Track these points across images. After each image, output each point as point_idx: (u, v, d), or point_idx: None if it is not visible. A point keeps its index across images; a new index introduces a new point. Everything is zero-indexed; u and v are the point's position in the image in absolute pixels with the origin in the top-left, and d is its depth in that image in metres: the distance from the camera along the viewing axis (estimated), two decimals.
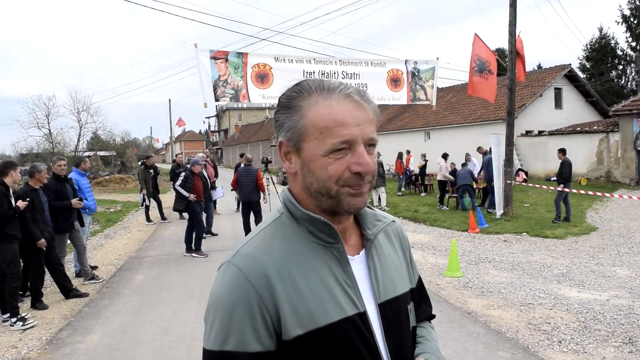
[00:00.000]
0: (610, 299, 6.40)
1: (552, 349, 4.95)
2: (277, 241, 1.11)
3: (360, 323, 1.10)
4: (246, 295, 1.04)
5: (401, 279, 1.27)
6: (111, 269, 9.05)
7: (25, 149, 37.05)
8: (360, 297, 1.12)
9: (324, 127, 1.05)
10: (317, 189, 1.09)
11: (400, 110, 33.74)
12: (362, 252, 1.20)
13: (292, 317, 1.04)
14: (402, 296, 1.24)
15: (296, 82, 1.16)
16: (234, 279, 1.06)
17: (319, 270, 1.09)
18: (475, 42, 12.76)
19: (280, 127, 1.13)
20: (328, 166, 1.06)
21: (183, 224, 14.05)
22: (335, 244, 1.12)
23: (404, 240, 1.37)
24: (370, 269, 1.18)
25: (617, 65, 39.27)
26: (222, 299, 1.06)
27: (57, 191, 7.31)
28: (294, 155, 1.12)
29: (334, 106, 1.07)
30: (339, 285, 1.10)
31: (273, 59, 10.20)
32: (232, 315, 1.04)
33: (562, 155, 12.37)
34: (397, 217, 14.31)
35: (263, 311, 1.03)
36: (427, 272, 8.05)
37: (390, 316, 1.18)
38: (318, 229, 1.12)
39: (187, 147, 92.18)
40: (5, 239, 6.05)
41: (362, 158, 1.07)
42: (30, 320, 6.11)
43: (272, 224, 1.17)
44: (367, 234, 1.21)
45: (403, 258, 1.33)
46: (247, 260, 1.08)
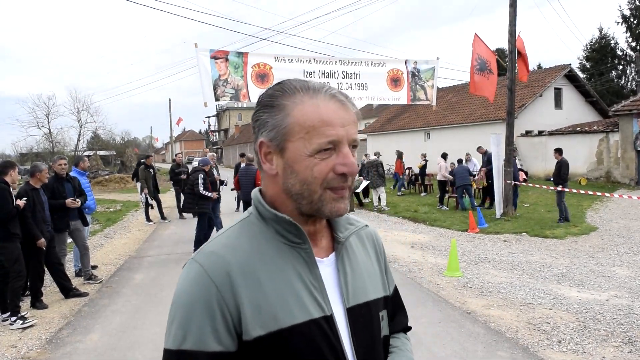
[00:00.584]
0: (609, 299, 6.40)
1: (551, 348, 4.95)
2: (243, 240, 1.09)
3: (326, 326, 1.06)
4: (207, 293, 1.01)
5: (373, 284, 1.23)
6: (111, 268, 9.05)
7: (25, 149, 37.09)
8: (327, 300, 1.09)
9: (311, 126, 1.03)
10: (299, 191, 1.06)
11: (400, 110, 33.74)
12: (332, 254, 1.17)
13: (254, 317, 1.01)
14: (374, 302, 1.19)
15: (278, 81, 1.14)
16: (195, 277, 1.04)
17: (285, 271, 1.07)
18: (476, 42, 12.77)
19: (261, 127, 1.10)
20: (314, 167, 1.04)
21: (183, 224, 14.08)
22: (302, 244, 1.09)
23: (379, 247, 1.33)
24: (340, 272, 1.14)
25: (617, 66, 39.30)
26: (183, 296, 1.04)
27: (54, 190, 7.31)
28: (276, 156, 1.08)
29: (321, 105, 1.05)
30: (305, 287, 1.07)
31: (273, 59, 10.21)
32: (192, 314, 1.01)
33: (559, 155, 12.37)
34: (398, 217, 14.42)
35: (224, 310, 1.01)
36: (427, 272, 8.06)
37: (360, 321, 1.14)
38: (285, 229, 1.09)
39: (187, 147, 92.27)
40: (9, 237, 6.05)
41: (348, 158, 1.05)
42: (29, 320, 6.11)
43: (239, 223, 1.15)
44: (338, 236, 1.18)
45: (377, 264, 1.29)
46: (210, 258, 1.06)
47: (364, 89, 10.93)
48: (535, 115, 24.65)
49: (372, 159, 16.92)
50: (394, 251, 9.70)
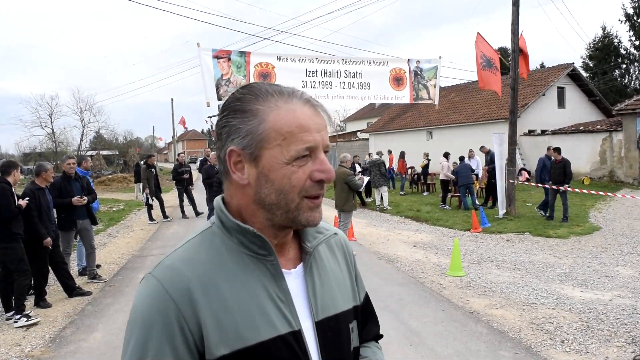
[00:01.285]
0: (613, 299, 6.39)
1: (554, 348, 4.94)
2: (203, 252, 1.02)
3: (293, 342, 1.01)
4: (165, 310, 0.95)
5: (343, 295, 1.18)
6: (114, 267, 9.07)
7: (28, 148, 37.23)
8: (295, 315, 1.04)
9: (288, 132, 0.98)
10: (274, 202, 1.01)
11: (403, 110, 33.71)
12: (300, 265, 1.11)
13: (217, 335, 0.95)
14: (343, 314, 1.15)
15: (243, 84, 1.08)
16: (152, 293, 0.98)
17: (250, 285, 1.01)
18: (479, 41, 12.77)
19: (231, 134, 1.02)
20: (291, 175, 0.99)
21: (186, 223, 14.11)
22: (268, 256, 1.03)
23: (348, 255, 1.27)
24: (308, 284, 1.09)
25: (621, 64, 39.19)
26: (140, 314, 0.98)
27: (61, 189, 7.36)
28: (248, 165, 1.01)
29: (297, 110, 1.00)
30: (271, 301, 1.01)
31: (276, 58, 10.21)
32: (150, 332, 0.95)
33: (558, 155, 12.32)
34: (400, 217, 14.42)
35: (184, 328, 0.95)
36: (430, 272, 8.06)
37: (329, 335, 1.09)
38: (249, 240, 1.03)
39: (190, 147, 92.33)
40: (11, 238, 6.07)
41: (325, 165, 1.01)
42: (33, 317, 6.13)
43: (201, 234, 1.08)
44: (306, 246, 1.12)
45: (347, 273, 1.24)
46: (168, 272, 0.99)
47: (366, 88, 10.92)
48: (538, 115, 24.61)
49: (374, 159, 16.93)
50: (396, 251, 9.70)
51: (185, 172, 15.24)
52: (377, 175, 16.00)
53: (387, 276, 7.84)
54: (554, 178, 12.33)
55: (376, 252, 9.61)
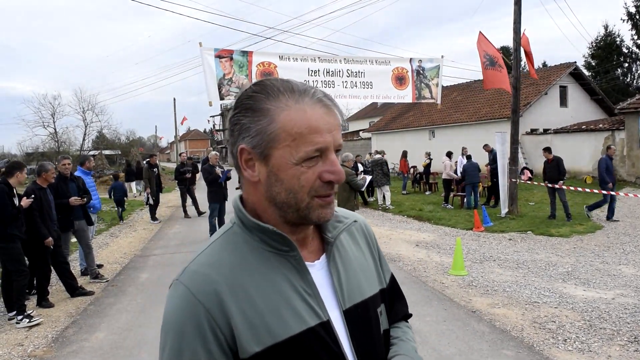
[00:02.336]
0: (615, 298, 6.38)
1: (557, 347, 4.94)
2: (227, 254, 1.04)
3: (323, 333, 1.03)
4: (195, 315, 0.97)
5: (369, 280, 1.19)
6: (116, 267, 9.08)
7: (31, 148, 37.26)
8: (322, 306, 1.05)
9: (298, 133, 0.98)
10: (284, 200, 1.01)
11: (405, 109, 33.68)
12: (322, 257, 1.13)
13: (248, 334, 0.97)
14: (371, 299, 1.16)
15: (257, 81, 1.07)
16: (182, 299, 1.00)
17: (276, 281, 1.02)
18: (481, 40, 12.75)
19: (242, 132, 1.02)
20: (300, 175, 0.99)
21: (187, 223, 14.13)
22: (290, 251, 1.05)
23: (370, 238, 1.29)
24: (333, 274, 1.11)
25: (623, 63, 39.07)
26: (172, 320, 1.00)
27: (58, 189, 7.35)
28: (259, 163, 1.02)
29: (307, 111, 1.00)
30: (298, 295, 1.03)
31: (278, 58, 10.22)
32: (183, 338, 0.97)
33: (549, 154, 12.43)
34: (402, 216, 14.41)
35: (215, 330, 0.97)
36: (432, 271, 8.05)
37: (358, 322, 1.11)
38: (270, 237, 1.04)
39: (192, 146, 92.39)
40: (8, 238, 6.07)
41: (335, 166, 1.02)
42: (35, 318, 6.14)
43: (222, 235, 1.09)
44: (327, 237, 1.13)
45: (371, 257, 1.26)
46: (194, 278, 1.01)
47: (368, 87, 10.91)
48: (541, 114, 24.58)
49: (376, 158, 16.91)
50: (398, 250, 9.69)
51: (187, 171, 15.25)
52: (379, 175, 15.99)
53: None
54: (549, 177, 12.37)
55: None
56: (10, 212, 6.00)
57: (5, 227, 6.01)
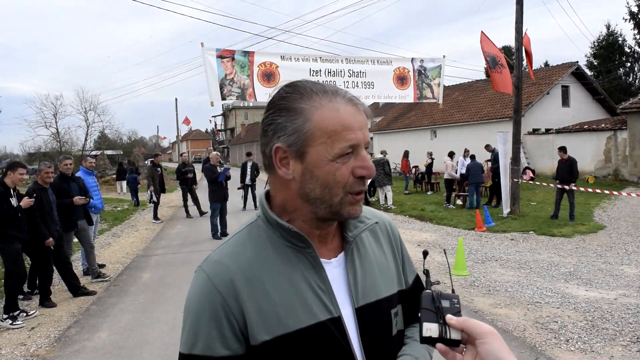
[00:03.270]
0: (618, 298, 6.37)
1: (559, 347, 4.93)
2: (249, 246, 1.11)
3: (333, 328, 1.08)
4: (212, 301, 1.05)
5: (386, 281, 1.23)
6: (118, 267, 9.09)
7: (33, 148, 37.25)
8: (335, 302, 1.10)
9: (333, 131, 1.03)
10: (319, 196, 1.06)
11: (407, 109, 33.66)
12: (341, 254, 1.17)
13: (259, 323, 1.04)
14: (386, 299, 1.19)
15: (288, 83, 1.12)
16: (202, 285, 1.08)
17: (291, 275, 1.08)
18: (483, 40, 12.75)
19: (278, 131, 1.07)
20: (336, 172, 1.04)
21: (189, 223, 14.14)
22: (306, 248, 1.10)
23: (394, 240, 1.33)
24: (349, 272, 1.15)
25: (625, 63, 38.99)
26: (192, 304, 1.09)
27: (60, 189, 7.35)
28: (294, 161, 1.06)
29: (340, 109, 1.05)
30: (311, 290, 1.08)
31: (279, 58, 10.21)
32: (200, 321, 1.05)
33: (564, 154, 12.33)
34: (404, 216, 14.39)
35: (229, 317, 1.04)
36: (434, 271, 8.04)
37: (369, 320, 1.14)
38: (288, 234, 1.10)
39: (194, 146, 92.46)
40: (5, 239, 6.05)
41: (367, 162, 1.06)
42: (19, 322, 6.11)
43: (247, 227, 1.17)
44: (347, 236, 1.18)
45: (392, 258, 1.29)
46: (214, 267, 1.09)
47: (370, 87, 10.90)
48: (542, 113, 24.54)
49: (378, 158, 16.90)
50: None
51: (189, 171, 15.26)
52: (381, 175, 15.98)
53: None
54: (560, 177, 12.32)
55: None
56: (6, 213, 5.97)
57: (2, 228, 6.00)
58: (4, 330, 5.94)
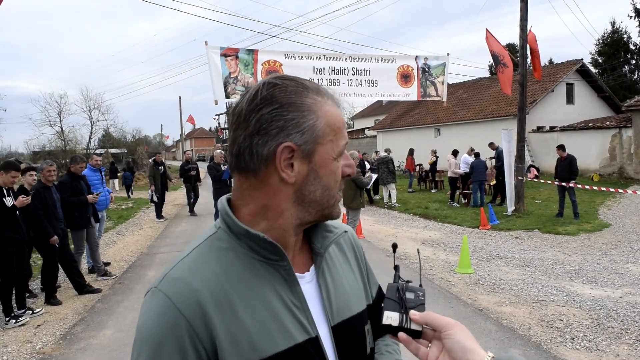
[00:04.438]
0: (623, 296, 6.35)
1: (564, 346, 4.92)
2: (212, 261, 0.97)
3: (311, 350, 0.97)
4: (176, 327, 0.89)
5: (356, 296, 1.13)
6: (123, 265, 9.12)
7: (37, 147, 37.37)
8: (311, 320, 0.99)
9: (338, 128, 0.99)
10: (317, 198, 0.99)
11: (411, 107, 33.60)
12: (311, 268, 1.07)
13: (232, 350, 0.90)
14: (358, 316, 1.10)
15: (277, 76, 1.02)
16: (161, 309, 0.91)
17: (263, 293, 0.96)
18: (488, 37, 12.73)
19: (287, 128, 0.95)
20: (337, 170, 1.00)
21: (194, 221, 14.16)
22: (280, 261, 0.98)
23: (358, 252, 1.24)
24: (322, 288, 1.05)
25: (630, 60, 38.82)
26: (149, 332, 0.91)
27: (73, 188, 7.40)
28: (299, 162, 0.96)
29: (337, 107, 1.02)
30: (286, 308, 0.97)
31: (283, 56, 10.22)
32: (161, 352, 0.89)
33: (563, 152, 12.33)
34: (408, 214, 14.40)
35: (196, 344, 0.89)
36: (438, 269, 8.04)
37: (345, 340, 1.05)
38: (259, 245, 0.97)
39: (198, 145, 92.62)
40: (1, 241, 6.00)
41: (350, 160, 1.04)
42: (22, 319, 6.14)
43: (207, 240, 1.02)
44: (316, 247, 1.08)
45: (358, 272, 1.20)
46: (175, 286, 0.93)
47: (374, 85, 10.90)
48: (547, 111, 24.47)
49: (382, 156, 16.90)
50: (404, 248, 9.68)
51: (192, 169, 15.30)
52: (385, 173, 15.97)
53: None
54: (560, 175, 12.30)
55: (384, 249, 9.59)
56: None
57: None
58: (10, 328, 5.97)
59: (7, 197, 6.02)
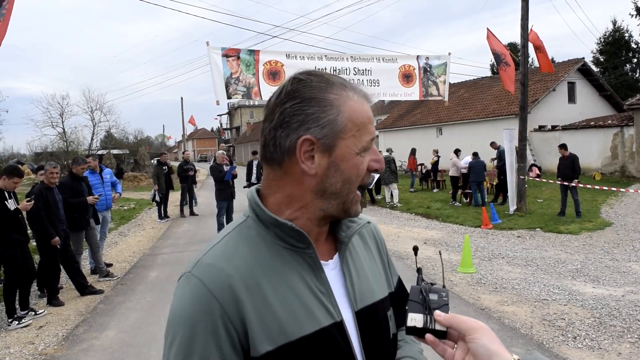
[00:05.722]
0: (625, 295, 6.35)
1: (567, 345, 4.92)
2: (243, 248, 1.02)
3: (336, 334, 1.02)
4: (209, 309, 0.94)
5: (378, 283, 1.19)
6: (125, 266, 9.13)
7: (39, 148, 37.33)
8: (336, 306, 1.04)
9: (362, 123, 1.02)
10: (337, 190, 1.02)
11: (412, 106, 33.57)
12: (335, 256, 1.12)
13: (261, 332, 0.95)
14: (381, 302, 1.16)
15: (304, 71, 1.07)
16: (194, 292, 0.96)
17: (290, 279, 1.01)
18: (489, 37, 12.73)
19: (307, 122, 0.99)
20: (360, 165, 1.03)
21: (196, 222, 14.17)
22: (306, 249, 1.03)
23: (380, 242, 1.30)
24: (345, 275, 1.10)
25: (632, 59, 38.72)
26: (183, 314, 0.97)
27: (74, 189, 7.41)
28: (320, 154, 1.00)
29: (364, 103, 1.05)
30: (312, 293, 1.02)
31: (284, 56, 10.22)
32: (194, 333, 0.94)
33: (566, 151, 12.31)
34: (410, 214, 14.38)
35: (228, 327, 0.95)
36: (440, 268, 8.03)
37: (369, 324, 1.10)
38: (286, 233, 1.02)
39: (199, 145, 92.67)
40: (7, 243, 6.02)
41: (379, 155, 1.07)
42: (25, 320, 6.15)
43: (236, 228, 1.07)
44: (341, 237, 1.13)
45: (380, 261, 1.26)
46: (209, 271, 0.98)
47: (375, 85, 10.89)
48: (549, 110, 24.42)
49: (384, 155, 16.90)
50: (406, 248, 9.68)
51: (190, 169, 15.36)
52: (387, 173, 15.97)
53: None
54: (562, 174, 12.29)
55: None
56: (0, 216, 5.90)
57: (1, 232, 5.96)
58: (12, 329, 5.98)
59: (9, 200, 6.04)
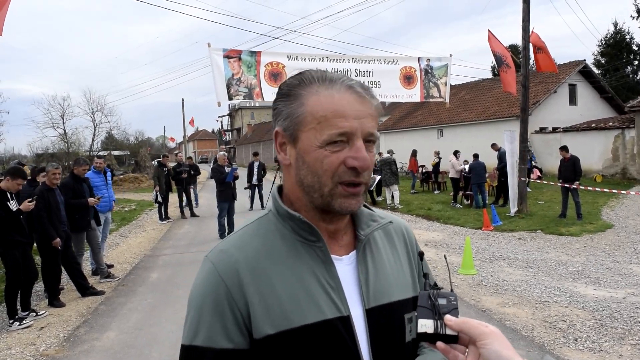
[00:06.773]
0: (626, 297, 6.34)
1: (568, 346, 4.92)
2: (257, 238, 1.08)
3: (341, 328, 1.03)
4: (216, 290, 1.02)
5: (399, 284, 1.16)
6: (127, 267, 9.14)
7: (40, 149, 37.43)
8: (344, 300, 1.05)
9: (322, 116, 1.00)
10: (310, 183, 1.04)
11: (413, 108, 33.60)
12: (353, 252, 1.13)
13: (264, 316, 1.00)
14: (398, 303, 1.13)
15: (301, 71, 1.12)
16: (206, 275, 1.05)
17: (300, 271, 1.04)
18: (490, 39, 12.73)
19: (277, 116, 1.09)
20: (324, 159, 1.01)
21: (196, 223, 14.18)
22: (317, 242, 1.07)
23: (410, 243, 1.27)
24: (360, 271, 1.10)
25: (633, 61, 38.73)
26: (195, 294, 1.06)
27: (75, 190, 7.42)
28: (289, 146, 1.07)
29: (335, 96, 1.02)
30: (320, 286, 1.04)
31: (286, 58, 10.23)
32: (203, 311, 1.03)
33: (567, 153, 12.30)
34: (411, 215, 14.37)
35: (233, 308, 1.01)
36: (442, 270, 8.03)
37: (381, 324, 1.08)
38: (299, 226, 1.07)
39: (200, 147, 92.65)
40: (7, 244, 6.01)
41: (359, 152, 1.00)
42: (26, 321, 6.15)
43: (256, 221, 1.14)
44: (359, 234, 1.14)
45: (407, 262, 1.23)
46: (220, 256, 1.06)
47: (377, 86, 10.89)
48: (550, 112, 24.42)
49: (385, 157, 16.89)
50: None
51: (184, 171, 15.39)
52: (388, 174, 15.97)
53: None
54: (564, 176, 12.29)
55: None
56: (1, 217, 5.89)
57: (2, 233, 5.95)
58: (14, 330, 5.98)
59: (11, 202, 6.05)
